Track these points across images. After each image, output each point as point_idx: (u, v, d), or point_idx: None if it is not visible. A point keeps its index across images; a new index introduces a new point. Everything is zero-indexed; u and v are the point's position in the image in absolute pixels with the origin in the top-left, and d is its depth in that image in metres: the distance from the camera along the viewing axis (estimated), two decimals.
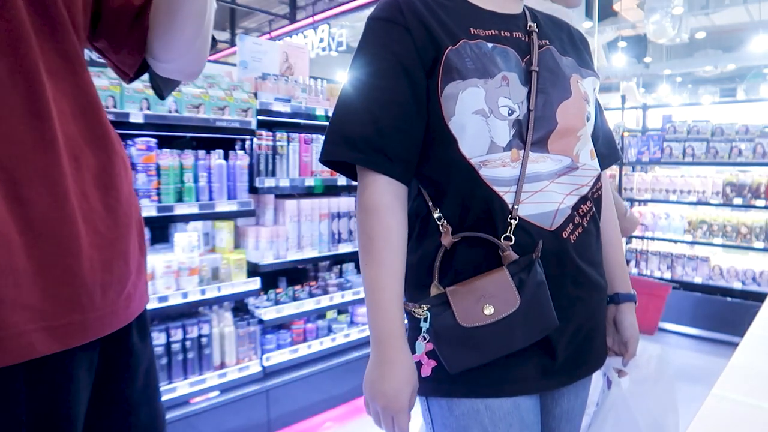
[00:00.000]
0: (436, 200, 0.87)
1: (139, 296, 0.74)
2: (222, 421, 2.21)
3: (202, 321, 2.20)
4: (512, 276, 0.80)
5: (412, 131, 0.84)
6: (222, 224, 2.35)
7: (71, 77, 0.65)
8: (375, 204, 0.82)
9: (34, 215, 0.59)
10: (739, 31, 12.00)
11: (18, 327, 0.57)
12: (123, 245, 0.70)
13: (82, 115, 0.66)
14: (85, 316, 0.63)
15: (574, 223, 0.87)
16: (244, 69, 2.57)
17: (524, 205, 0.82)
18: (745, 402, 0.46)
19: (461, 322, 0.79)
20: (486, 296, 0.79)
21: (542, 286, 0.81)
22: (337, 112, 0.86)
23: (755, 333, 0.66)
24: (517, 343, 0.81)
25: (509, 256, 0.81)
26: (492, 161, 0.82)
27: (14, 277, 0.56)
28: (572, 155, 0.87)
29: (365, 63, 0.85)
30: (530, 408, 0.87)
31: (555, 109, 0.87)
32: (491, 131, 0.82)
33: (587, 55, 1.00)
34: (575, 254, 0.86)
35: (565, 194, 0.86)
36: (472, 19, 0.87)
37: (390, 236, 0.82)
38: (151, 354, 0.79)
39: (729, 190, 3.84)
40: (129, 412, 0.75)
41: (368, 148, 0.82)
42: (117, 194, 0.70)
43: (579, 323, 0.88)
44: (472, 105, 0.82)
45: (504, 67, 0.84)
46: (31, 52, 0.59)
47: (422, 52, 0.83)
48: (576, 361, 0.89)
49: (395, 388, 0.80)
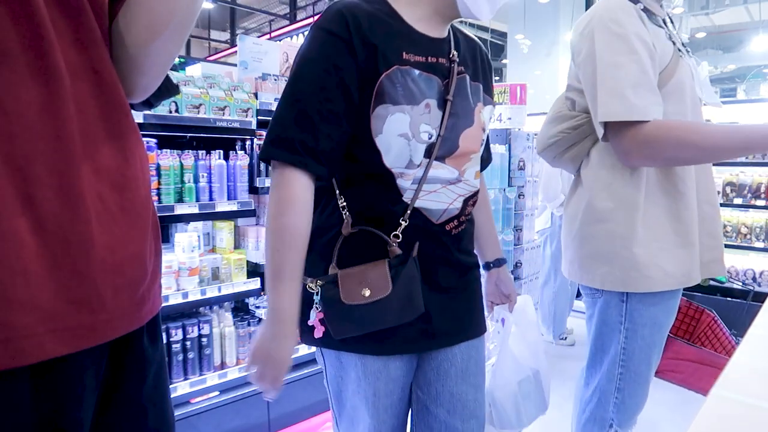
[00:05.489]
0: (344, 189, 1.02)
1: (152, 300, 0.73)
2: (222, 421, 2.21)
3: (202, 321, 2.20)
4: (391, 268, 0.97)
5: (341, 140, 0.97)
6: (222, 224, 2.35)
7: (93, 75, 0.63)
8: (297, 199, 0.94)
9: (47, 215, 0.57)
10: (739, 31, 12.00)
11: (29, 328, 0.56)
12: (137, 248, 0.68)
13: (102, 114, 0.64)
14: (95, 318, 0.62)
15: (459, 221, 1.08)
16: (245, 69, 2.57)
17: (420, 200, 1.01)
18: (746, 402, 0.46)
19: (343, 299, 0.96)
20: (366, 281, 0.97)
21: (413, 279, 0.99)
22: (280, 115, 0.96)
23: (755, 333, 0.66)
24: (387, 322, 0.99)
25: (393, 251, 0.99)
26: (407, 174, 0.99)
27: (25, 277, 0.55)
28: (460, 170, 1.06)
29: (309, 72, 0.95)
30: (399, 366, 1.07)
31: (459, 134, 1.04)
32: (411, 151, 0.98)
33: (490, 78, 1.18)
34: (452, 243, 1.08)
35: (453, 199, 1.06)
36: (407, 42, 0.99)
37: (303, 232, 0.96)
38: (161, 358, 0.77)
39: (729, 190, 3.84)
40: (137, 416, 0.73)
41: (303, 151, 0.93)
42: (133, 196, 0.68)
43: (455, 295, 1.10)
44: (397, 129, 0.96)
45: (428, 94, 0.99)
46: (51, 49, 0.58)
47: (361, 72, 0.95)
48: (456, 328, 1.11)
49: (286, 357, 0.97)
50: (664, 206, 1.31)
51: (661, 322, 1.37)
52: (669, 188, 1.31)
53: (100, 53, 0.65)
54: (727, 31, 12.23)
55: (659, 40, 1.28)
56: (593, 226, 1.36)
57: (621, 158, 1.28)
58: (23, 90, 0.56)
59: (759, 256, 3.90)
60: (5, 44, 0.55)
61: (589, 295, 1.45)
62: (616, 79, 1.22)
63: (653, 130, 1.20)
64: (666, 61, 1.27)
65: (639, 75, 1.21)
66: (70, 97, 0.59)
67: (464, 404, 1.12)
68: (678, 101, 1.28)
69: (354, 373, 1.06)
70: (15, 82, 0.56)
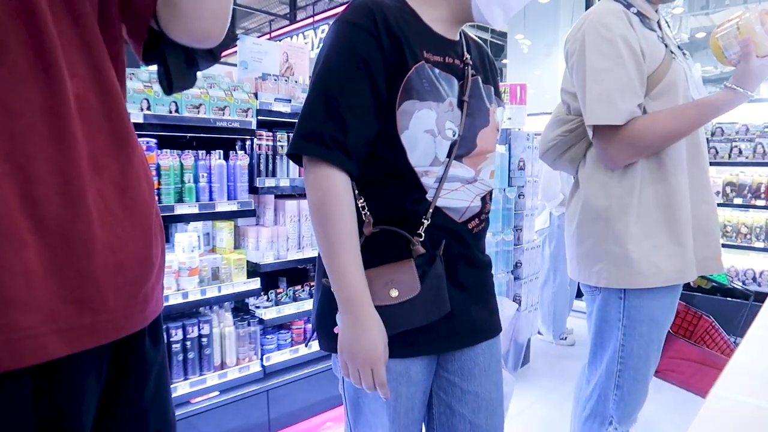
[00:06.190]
0: (363, 190, 1.00)
1: (155, 300, 0.72)
2: (222, 421, 2.21)
3: (202, 321, 2.20)
4: (417, 267, 0.96)
5: (369, 134, 0.96)
6: (222, 224, 2.35)
7: (94, 74, 0.63)
8: (336, 192, 0.93)
9: (48, 215, 0.57)
10: None
11: (31, 329, 0.55)
12: (139, 247, 0.68)
13: (103, 113, 0.64)
14: (97, 318, 0.61)
15: (480, 219, 1.08)
16: (245, 69, 2.57)
17: (442, 199, 1.00)
18: (746, 402, 0.46)
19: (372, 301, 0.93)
20: (393, 281, 0.95)
21: (440, 278, 0.98)
22: (309, 109, 0.94)
23: (755, 333, 0.66)
24: (416, 322, 0.97)
25: (417, 250, 0.97)
26: (432, 172, 0.98)
27: (26, 278, 0.55)
28: (476, 169, 1.05)
29: (338, 65, 0.93)
30: (420, 369, 1.05)
31: (476, 134, 1.04)
32: (437, 148, 0.98)
33: (497, 81, 1.18)
34: (473, 242, 1.07)
35: (473, 197, 1.05)
36: (426, 41, 0.99)
37: (350, 219, 0.94)
38: (162, 359, 0.77)
39: (729, 190, 3.84)
40: (139, 419, 0.73)
41: (334, 145, 0.92)
42: (135, 195, 0.68)
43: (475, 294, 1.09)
44: (424, 124, 0.96)
45: (450, 93, 0.99)
46: (52, 47, 0.58)
47: (389, 66, 0.94)
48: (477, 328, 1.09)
49: (372, 341, 0.93)
50: (657, 204, 1.34)
51: (658, 320, 1.39)
52: (661, 187, 1.34)
53: (101, 52, 0.64)
54: None
55: (649, 43, 1.32)
56: (589, 225, 1.40)
57: (606, 162, 1.35)
58: (24, 88, 0.56)
59: (759, 256, 3.90)
60: (5, 42, 0.55)
61: (588, 292, 1.47)
62: (603, 83, 1.27)
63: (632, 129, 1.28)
64: (657, 63, 1.32)
65: (625, 80, 1.27)
66: (71, 96, 0.59)
67: (488, 403, 1.11)
68: (670, 101, 1.33)
69: None
70: (16, 81, 0.55)
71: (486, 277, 1.14)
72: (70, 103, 0.59)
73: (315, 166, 0.94)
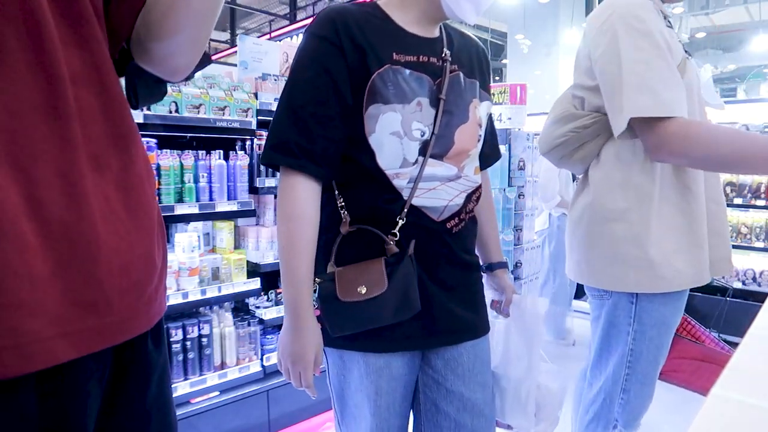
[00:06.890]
0: (342, 190, 1.05)
1: (158, 302, 0.72)
2: (222, 421, 2.21)
3: (202, 321, 2.20)
4: (387, 266, 0.99)
5: (337, 141, 1.00)
6: (222, 224, 2.35)
7: (95, 74, 0.63)
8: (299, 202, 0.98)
9: (52, 216, 0.56)
10: (739, 31, 12.01)
11: (37, 333, 0.54)
12: (144, 248, 0.67)
13: (104, 113, 0.63)
14: (102, 321, 0.61)
15: (460, 218, 1.09)
16: (245, 69, 2.57)
17: (418, 198, 1.02)
18: (746, 402, 0.46)
19: (340, 296, 0.98)
20: (363, 279, 0.98)
21: (408, 277, 1.00)
22: (277, 120, 1.00)
23: (755, 333, 0.66)
24: (384, 320, 1.00)
25: (391, 249, 1.01)
26: (402, 173, 1.01)
27: (31, 281, 0.54)
28: (459, 167, 1.07)
29: (303, 77, 0.99)
30: (402, 364, 1.07)
31: (454, 131, 1.05)
32: (404, 150, 1.00)
33: (488, 76, 1.19)
34: (452, 241, 1.08)
35: (454, 195, 1.07)
36: (397, 42, 1.02)
37: (308, 230, 0.99)
38: (164, 362, 0.76)
39: (729, 190, 3.84)
40: (141, 420, 0.72)
41: (300, 153, 0.97)
42: (138, 196, 0.67)
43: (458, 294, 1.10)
44: (389, 127, 0.99)
45: (419, 93, 1.00)
46: (53, 47, 0.57)
47: (352, 73, 0.98)
48: (459, 327, 1.10)
49: (304, 347, 0.99)
50: (678, 206, 1.30)
51: (669, 323, 1.36)
52: (682, 188, 1.29)
53: (102, 52, 0.64)
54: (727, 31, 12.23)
55: (673, 39, 1.27)
56: (603, 227, 1.33)
57: (650, 154, 1.26)
58: (25, 89, 0.55)
59: (759, 256, 3.90)
60: (5, 42, 0.54)
61: (596, 296, 1.42)
62: (643, 75, 1.20)
63: (683, 126, 1.18)
64: (677, 61, 1.26)
65: (666, 71, 1.20)
66: (72, 97, 0.59)
67: (473, 403, 1.12)
68: (688, 101, 1.27)
69: (356, 371, 1.07)
70: (17, 81, 0.55)
71: (472, 277, 1.15)
72: (70, 103, 0.58)
73: (284, 174, 1.00)
